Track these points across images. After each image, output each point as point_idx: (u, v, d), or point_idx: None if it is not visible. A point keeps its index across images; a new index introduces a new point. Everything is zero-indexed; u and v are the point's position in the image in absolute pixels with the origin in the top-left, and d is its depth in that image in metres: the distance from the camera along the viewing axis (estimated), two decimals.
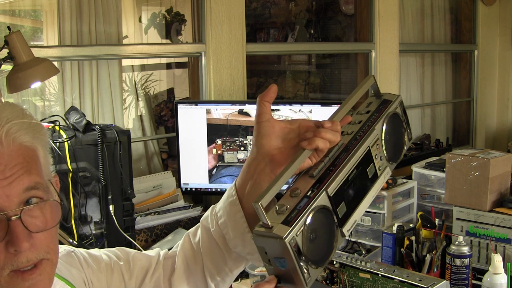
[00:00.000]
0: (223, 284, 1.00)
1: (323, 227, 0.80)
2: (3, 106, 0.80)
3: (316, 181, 0.83)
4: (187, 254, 1.01)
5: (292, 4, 4.43)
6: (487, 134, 4.22)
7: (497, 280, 1.55)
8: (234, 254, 0.95)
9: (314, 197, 0.80)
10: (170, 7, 3.63)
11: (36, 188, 0.78)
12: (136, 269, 1.01)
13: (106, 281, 0.99)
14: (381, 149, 0.93)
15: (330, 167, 0.85)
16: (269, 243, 0.76)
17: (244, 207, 0.91)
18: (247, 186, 0.90)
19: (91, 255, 1.00)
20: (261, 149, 0.89)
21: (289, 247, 0.74)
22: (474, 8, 4.02)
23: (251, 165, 0.90)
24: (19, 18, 3.09)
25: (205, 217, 1.00)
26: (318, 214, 0.79)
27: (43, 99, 2.60)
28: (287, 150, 0.88)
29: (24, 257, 0.76)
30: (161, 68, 3.80)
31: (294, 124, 0.90)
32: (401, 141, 0.98)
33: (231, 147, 2.23)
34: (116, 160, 1.83)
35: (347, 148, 0.88)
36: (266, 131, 0.88)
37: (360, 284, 1.54)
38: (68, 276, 0.93)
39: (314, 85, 4.50)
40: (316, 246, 0.78)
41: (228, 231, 0.93)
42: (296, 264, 0.75)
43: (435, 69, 4.04)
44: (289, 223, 0.76)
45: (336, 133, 0.86)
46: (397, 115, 0.97)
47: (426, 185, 2.17)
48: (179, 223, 2.18)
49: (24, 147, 0.79)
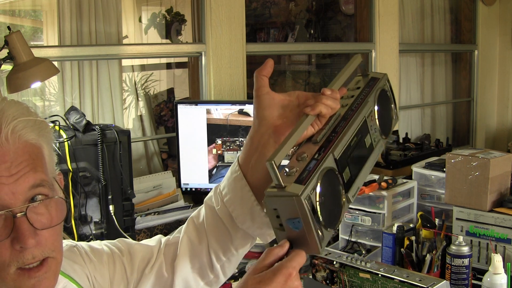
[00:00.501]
0: (229, 264, 0.99)
1: (332, 189, 0.81)
2: (8, 104, 0.80)
3: (320, 146, 0.84)
4: (191, 236, 0.99)
5: (292, 4, 4.43)
6: (487, 134, 4.22)
7: (497, 280, 1.55)
8: (240, 232, 0.95)
9: (322, 159, 0.80)
10: (170, 7, 3.63)
11: (42, 186, 0.79)
12: (137, 261, 1.01)
13: (109, 274, 0.98)
14: (375, 121, 0.95)
15: (331, 134, 0.86)
16: (283, 203, 0.75)
17: (250, 181, 0.91)
18: (251, 160, 0.91)
19: (93, 249, 1.00)
20: (264, 120, 0.89)
21: (305, 204, 0.73)
22: (474, 8, 4.02)
23: (254, 138, 0.90)
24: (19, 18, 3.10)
25: (209, 197, 0.99)
26: (327, 175, 0.79)
27: (43, 99, 2.60)
28: (289, 120, 0.89)
29: (30, 253, 0.77)
30: (161, 68, 3.80)
31: (293, 96, 0.91)
32: (389, 117, 1.00)
33: (231, 147, 2.23)
34: (116, 160, 1.83)
35: (345, 118, 0.89)
36: (267, 103, 0.90)
37: (360, 284, 1.54)
38: (72, 273, 0.93)
39: (314, 85, 4.50)
40: (326, 208, 0.78)
41: (236, 208, 0.93)
42: (311, 222, 0.74)
43: (435, 69, 4.04)
44: (302, 181, 0.75)
45: (336, 100, 0.87)
46: (386, 91, 0.99)
47: (426, 185, 2.17)
48: (179, 223, 2.18)
49: (30, 144, 0.79)
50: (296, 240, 0.77)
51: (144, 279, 1.00)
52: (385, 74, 1.02)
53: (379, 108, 0.96)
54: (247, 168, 0.91)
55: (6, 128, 0.76)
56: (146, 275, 1.00)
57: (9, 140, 0.76)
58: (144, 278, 1.00)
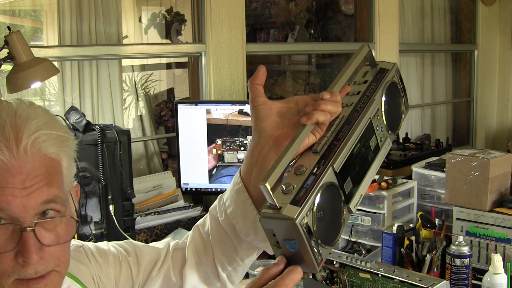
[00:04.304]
0: (235, 273, 0.98)
1: (331, 205, 0.77)
2: (34, 111, 0.78)
3: (320, 157, 0.79)
4: (197, 245, 0.98)
5: (292, 4, 4.43)
6: (487, 134, 4.22)
7: (497, 280, 1.55)
8: (245, 244, 0.93)
9: (321, 174, 0.76)
10: (170, 7, 3.63)
11: (54, 202, 0.77)
12: (144, 263, 1.00)
13: (114, 275, 0.98)
14: (382, 119, 0.89)
15: (333, 141, 0.82)
16: (278, 225, 0.72)
17: (252, 194, 0.88)
18: (253, 173, 0.88)
19: (99, 249, 0.99)
20: (263, 133, 0.86)
21: (300, 228, 0.70)
22: (474, 8, 4.02)
23: (255, 151, 0.87)
24: (19, 18, 3.10)
25: (214, 207, 0.97)
26: (326, 191, 0.75)
27: (43, 99, 2.60)
28: (289, 130, 0.84)
29: (32, 269, 0.75)
30: (161, 68, 3.80)
31: (291, 102, 0.86)
32: (399, 111, 0.95)
33: (231, 147, 2.23)
34: (116, 160, 1.83)
35: (348, 121, 0.84)
36: (264, 114, 0.85)
37: (360, 284, 1.54)
38: (77, 273, 0.92)
39: (314, 85, 4.49)
40: (325, 225, 0.75)
41: (238, 220, 0.91)
42: (307, 245, 0.72)
43: (435, 69, 4.04)
44: (298, 203, 0.72)
45: (337, 103, 0.82)
46: (395, 84, 0.94)
47: (426, 185, 2.17)
48: (179, 223, 2.18)
49: (49, 158, 0.77)
50: (293, 257, 0.74)
51: (151, 281, 0.99)
52: (395, 64, 0.95)
53: (387, 103, 0.91)
54: (249, 180, 0.88)
55: (27, 140, 0.74)
56: (153, 278, 0.99)
57: (27, 152, 0.74)
58: (150, 280, 0.99)
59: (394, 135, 0.93)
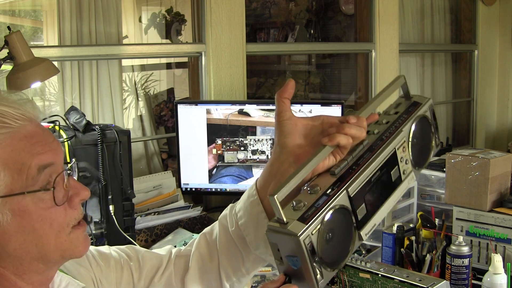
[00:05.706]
0: (239, 284, 0.98)
1: (340, 228, 0.77)
2: None
3: (337, 180, 0.79)
4: (203, 252, 0.98)
5: (292, 4, 4.43)
6: (487, 134, 4.22)
7: (497, 280, 1.54)
8: (253, 256, 0.93)
9: (333, 195, 0.76)
10: (170, 7, 3.63)
11: None
12: (145, 269, 1.00)
13: (116, 279, 0.97)
14: (407, 152, 0.88)
15: (353, 166, 0.81)
16: (283, 239, 0.72)
17: (266, 207, 0.88)
18: (270, 186, 0.87)
19: (100, 253, 0.99)
20: (285, 148, 0.85)
21: (303, 245, 0.71)
22: (474, 8, 4.02)
23: (274, 164, 0.87)
24: (19, 18, 3.10)
25: (224, 216, 0.97)
26: (336, 213, 0.75)
27: (43, 99, 2.60)
28: (311, 149, 0.84)
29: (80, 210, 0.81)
30: (161, 68, 3.80)
31: (317, 121, 0.86)
32: (428, 146, 0.94)
33: (231, 147, 2.23)
34: (116, 160, 1.83)
35: (372, 148, 0.84)
36: (288, 130, 0.85)
37: (360, 284, 1.54)
38: (77, 275, 0.92)
39: (314, 85, 4.50)
40: (331, 247, 0.75)
41: (250, 232, 0.90)
42: (309, 264, 0.72)
43: (435, 69, 4.04)
44: (305, 220, 0.72)
45: (361, 129, 0.82)
46: (426, 118, 0.92)
47: (426, 185, 2.17)
48: (179, 223, 2.18)
49: None
50: (294, 275, 0.74)
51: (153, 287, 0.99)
52: (429, 99, 0.93)
53: (415, 136, 0.89)
54: (265, 193, 0.87)
55: None
56: (155, 284, 0.99)
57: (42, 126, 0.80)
58: (152, 286, 0.99)
59: (420, 170, 0.91)
